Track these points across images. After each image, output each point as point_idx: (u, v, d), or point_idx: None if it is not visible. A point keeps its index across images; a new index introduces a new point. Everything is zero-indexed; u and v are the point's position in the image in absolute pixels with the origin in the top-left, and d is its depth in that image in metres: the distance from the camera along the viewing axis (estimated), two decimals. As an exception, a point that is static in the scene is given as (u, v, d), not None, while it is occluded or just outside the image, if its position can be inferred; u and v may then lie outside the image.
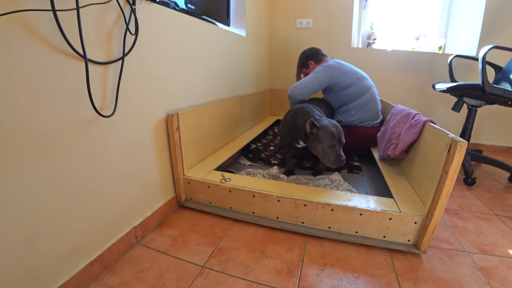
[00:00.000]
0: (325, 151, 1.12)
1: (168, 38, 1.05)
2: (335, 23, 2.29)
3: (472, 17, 2.04)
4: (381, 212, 0.93)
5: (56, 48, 0.64)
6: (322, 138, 1.12)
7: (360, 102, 1.61)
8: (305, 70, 1.80)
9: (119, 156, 0.88)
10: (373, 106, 1.63)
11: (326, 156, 1.13)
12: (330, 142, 1.10)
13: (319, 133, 1.13)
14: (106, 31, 0.77)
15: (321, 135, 1.12)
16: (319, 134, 1.13)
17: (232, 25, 1.86)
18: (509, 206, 1.28)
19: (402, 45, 2.40)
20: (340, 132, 1.14)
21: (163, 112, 1.07)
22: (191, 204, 1.19)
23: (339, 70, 1.59)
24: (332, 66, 1.60)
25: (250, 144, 1.82)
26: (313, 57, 1.75)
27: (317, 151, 1.16)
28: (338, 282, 0.82)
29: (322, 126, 1.13)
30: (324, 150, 1.13)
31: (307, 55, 1.76)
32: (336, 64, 1.61)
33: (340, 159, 1.10)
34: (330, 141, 1.10)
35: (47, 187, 0.66)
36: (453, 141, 0.79)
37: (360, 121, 1.64)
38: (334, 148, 1.11)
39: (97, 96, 0.76)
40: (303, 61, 1.78)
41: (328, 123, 1.14)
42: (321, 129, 1.13)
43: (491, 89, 1.31)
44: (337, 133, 1.12)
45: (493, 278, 0.84)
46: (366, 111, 1.62)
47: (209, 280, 0.82)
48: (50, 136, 0.66)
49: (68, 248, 0.74)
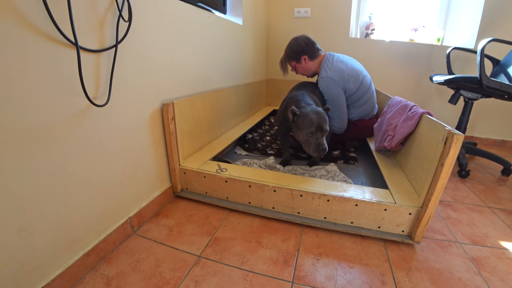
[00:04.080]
0: (305, 139, 1.10)
1: (163, 26, 1.02)
2: (333, 13, 2.26)
3: (471, 9, 2.02)
4: (376, 203, 0.93)
5: (46, 35, 0.62)
6: (301, 125, 1.10)
7: (360, 101, 1.56)
8: (296, 64, 1.58)
9: (114, 146, 0.87)
10: (371, 103, 1.59)
11: (307, 144, 1.11)
12: (308, 129, 1.08)
13: (298, 121, 1.12)
14: (98, 17, 0.75)
15: (300, 122, 1.11)
16: (298, 122, 1.12)
17: (228, 13, 1.82)
18: (501, 198, 1.31)
19: (400, 36, 2.38)
20: (322, 119, 1.10)
21: (158, 102, 1.05)
22: (187, 194, 1.19)
23: (343, 80, 1.46)
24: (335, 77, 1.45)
25: (246, 134, 1.81)
26: (308, 52, 1.52)
27: (299, 139, 1.14)
28: (333, 271, 0.83)
29: (302, 113, 1.11)
30: (305, 138, 1.10)
31: (302, 48, 1.51)
32: (337, 73, 1.46)
33: (319, 148, 1.07)
34: (309, 128, 1.08)
35: (41, 179, 0.65)
36: (450, 134, 0.79)
37: (358, 117, 1.62)
38: (314, 136, 1.09)
39: (90, 85, 0.74)
40: (296, 54, 1.54)
41: (309, 111, 1.11)
42: (301, 116, 1.11)
43: (488, 82, 1.31)
44: (317, 120, 1.08)
45: (484, 268, 0.86)
46: (365, 108, 1.58)
47: (205, 270, 0.82)
48: (43, 126, 0.64)
49: (63, 239, 0.73)
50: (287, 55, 1.59)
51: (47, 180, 0.67)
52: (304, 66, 1.58)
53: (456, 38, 2.17)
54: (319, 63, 1.56)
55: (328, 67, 1.48)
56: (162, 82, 1.06)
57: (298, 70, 1.64)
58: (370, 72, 1.70)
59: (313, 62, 1.57)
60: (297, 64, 1.59)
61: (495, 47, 1.64)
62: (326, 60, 1.52)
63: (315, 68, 1.59)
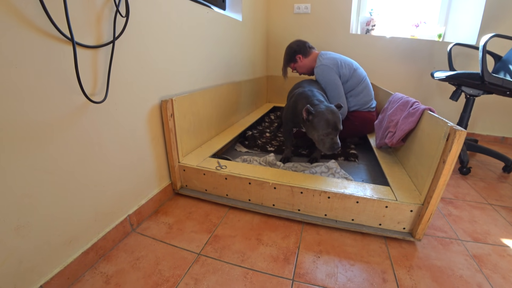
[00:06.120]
0: (320, 138, 1.13)
1: (160, 21, 1.01)
2: (333, 9, 2.23)
3: (473, 4, 2.00)
4: (377, 200, 0.93)
5: (42, 31, 0.60)
6: (317, 126, 1.11)
7: (356, 90, 1.63)
8: (294, 64, 1.75)
9: (112, 143, 0.86)
10: (367, 92, 1.66)
11: (322, 143, 1.14)
12: (325, 130, 1.10)
13: (314, 121, 1.12)
14: (95, 13, 0.73)
15: (316, 122, 1.12)
16: (314, 122, 1.12)
17: (228, 9, 1.80)
18: (502, 195, 1.30)
19: (401, 32, 2.36)
20: (337, 118, 1.12)
21: (156, 98, 1.04)
22: (187, 192, 1.18)
23: (337, 66, 1.58)
24: (328, 64, 1.57)
25: (246, 131, 1.80)
26: (301, 51, 1.69)
27: (313, 137, 1.16)
28: (334, 269, 0.82)
29: (318, 113, 1.12)
30: (320, 137, 1.13)
31: (294, 49, 1.70)
32: (331, 60, 1.59)
33: (335, 146, 1.10)
34: (325, 129, 1.10)
35: (38, 177, 0.64)
36: (452, 130, 0.78)
37: (357, 107, 1.66)
38: (329, 136, 1.11)
39: (87, 82, 0.73)
40: (291, 56, 1.72)
41: (325, 110, 1.13)
42: (317, 116, 1.12)
43: (490, 79, 1.30)
44: (333, 120, 1.11)
45: (485, 265, 0.85)
46: (362, 97, 1.64)
47: (205, 268, 0.82)
48: (39, 124, 0.63)
49: (62, 237, 0.72)
50: (285, 60, 1.77)
51: (45, 178, 0.66)
52: (301, 64, 1.73)
53: (457, 34, 2.15)
54: (313, 59, 1.70)
55: (322, 58, 1.64)
56: (161, 79, 1.05)
57: (298, 70, 1.78)
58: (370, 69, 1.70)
59: (308, 59, 1.71)
60: (295, 64, 1.75)
61: (497, 43, 1.62)
62: (320, 54, 1.68)
63: (310, 64, 1.71)
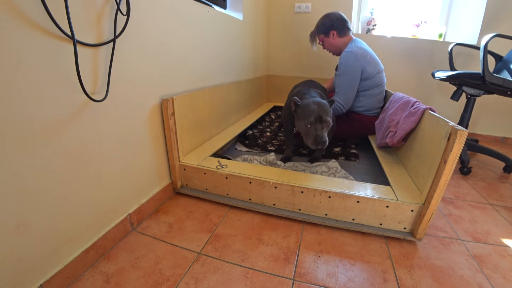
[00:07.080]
0: (305, 130, 1.07)
1: (161, 20, 1.00)
2: (334, 8, 2.22)
3: (474, 4, 2.00)
4: (378, 199, 0.93)
5: (42, 29, 0.60)
6: (301, 115, 1.08)
7: (371, 92, 1.56)
8: (324, 37, 1.62)
9: (113, 142, 0.86)
10: (379, 99, 1.61)
11: (306, 135, 1.08)
12: (307, 119, 1.05)
13: (298, 111, 1.10)
14: (95, 11, 0.73)
15: (300, 112, 1.09)
16: (298, 112, 1.10)
17: (228, 8, 1.80)
18: (503, 195, 1.30)
19: (402, 32, 2.35)
20: (323, 110, 1.06)
21: (157, 97, 1.03)
22: (187, 191, 1.18)
23: (365, 60, 1.49)
24: (358, 54, 1.47)
25: (247, 130, 1.80)
26: (338, 28, 1.56)
27: (300, 130, 1.11)
28: (334, 269, 0.82)
29: (303, 103, 1.09)
30: (304, 129, 1.07)
31: (332, 22, 1.55)
32: (362, 51, 1.49)
33: (318, 140, 1.03)
34: (308, 118, 1.04)
35: (38, 175, 0.64)
36: (453, 130, 0.78)
37: (364, 109, 1.61)
38: (313, 126, 1.05)
39: (87, 80, 0.73)
40: (326, 28, 1.58)
41: (311, 101, 1.09)
42: (301, 106, 1.09)
43: (491, 79, 1.30)
44: (318, 110, 1.05)
45: (486, 265, 0.85)
46: (373, 101, 1.59)
47: (205, 267, 0.82)
48: (39, 122, 0.63)
49: (62, 236, 0.72)
50: (318, 28, 1.64)
51: (45, 176, 0.66)
52: (331, 41, 1.62)
53: (458, 34, 2.15)
54: (346, 42, 1.60)
55: (354, 45, 1.52)
56: (161, 77, 1.05)
57: (325, 45, 1.68)
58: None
59: (340, 39, 1.60)
60: (325, 38, 1.63)
61: (498, 43, 1.62)
62: (353, 40, 1.57)
63: (340, 46, 1.62)
